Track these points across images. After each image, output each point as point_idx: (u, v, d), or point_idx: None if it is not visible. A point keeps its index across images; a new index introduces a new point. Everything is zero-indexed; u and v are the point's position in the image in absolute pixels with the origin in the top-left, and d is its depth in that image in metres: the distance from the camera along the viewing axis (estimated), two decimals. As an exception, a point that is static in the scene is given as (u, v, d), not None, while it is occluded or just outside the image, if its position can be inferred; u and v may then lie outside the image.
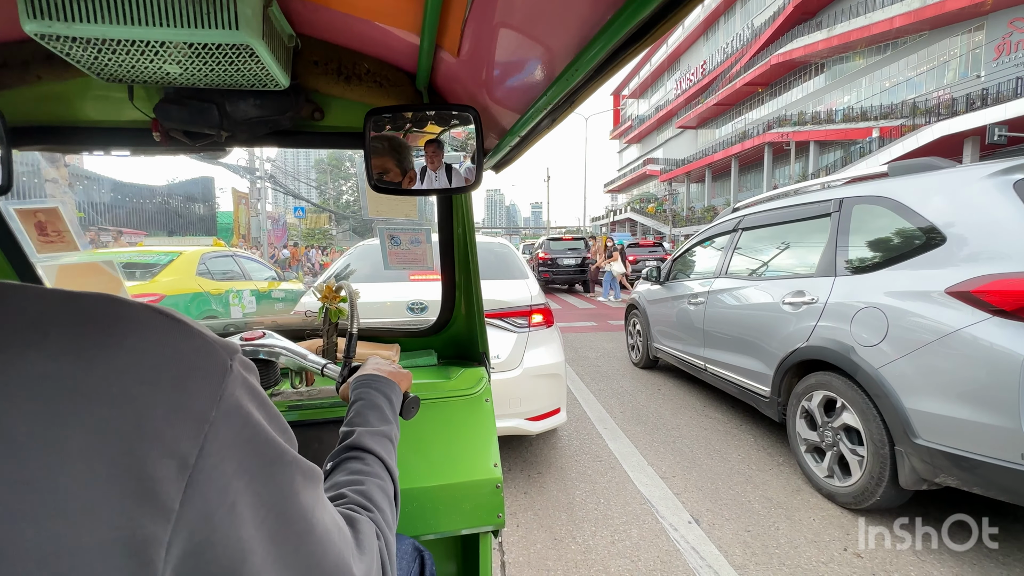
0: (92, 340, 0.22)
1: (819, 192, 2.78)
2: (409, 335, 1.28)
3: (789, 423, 2.59)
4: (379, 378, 0.69)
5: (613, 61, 0.47)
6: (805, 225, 2.78)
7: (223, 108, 0.86)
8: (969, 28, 19.50)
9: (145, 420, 0.22)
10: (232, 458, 0.25)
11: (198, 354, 0.25)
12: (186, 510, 0.22)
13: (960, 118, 16.60)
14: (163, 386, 0.23)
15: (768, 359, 2.73)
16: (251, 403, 0.27)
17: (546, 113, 0.64)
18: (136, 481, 0.21)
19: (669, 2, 0.38)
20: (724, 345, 3.26)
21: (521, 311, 2.54)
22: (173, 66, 0.72)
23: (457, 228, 1.13)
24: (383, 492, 0.49)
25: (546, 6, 0.52)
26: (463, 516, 0.91)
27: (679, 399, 3.89)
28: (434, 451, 0.94)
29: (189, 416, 0.24)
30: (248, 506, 0.25)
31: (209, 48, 0.68)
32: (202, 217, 19.41)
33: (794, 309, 2.57)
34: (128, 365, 0.22)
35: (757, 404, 2.91)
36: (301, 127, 0.97)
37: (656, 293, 4.54)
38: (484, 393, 1.06)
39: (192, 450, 0.23)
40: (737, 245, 3.42)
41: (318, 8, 0.77)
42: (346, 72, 0.90)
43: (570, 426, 3.31)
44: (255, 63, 0.72)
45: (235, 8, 0.63)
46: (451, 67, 0.81)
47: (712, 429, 3.24)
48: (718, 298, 3.39)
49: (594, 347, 6.03)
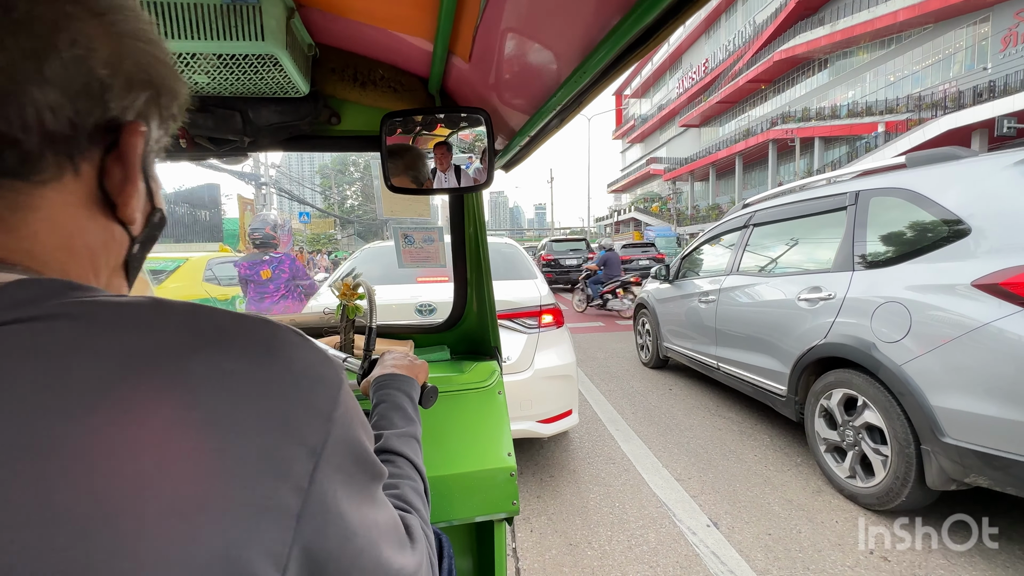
0: (260, 350, 0.29)
1: (834, 185, 2.72)
2: (422, 331, 1.31)
3: (807, 422, 2.52)
4: (397, 376, 0.70)
5: (620, 63, 0.49)
6: (820, 219, 2.71)
7: (246, 115, 0.90)
8: (974, 20, 19.30)
9: (290, 414, 0.28)
10: (339, 453, 0.30)
11: (323, 366, 0.31)
12: (312, 490, 0.28)
13: (968, 111, 16.38)
14: (303, 388, 0.29)
15: (784, 357, 2.67)
16: (353, 409, 0.33)
17: (555, 114, 0.66)
18: (279, 461, 0.26)
19: (673, 6, 0.39)
20: (737, 343, 3.19)
21: (531, 311, 2.50)
22: (202, 76, 0.77)
23: (468, 227, 1.16)
24: (416, 493, 0.53)
25: (554, 13, 0.54)
26: (479, 503, 0.93)
27: (691, 399, 3.83)
28: (449, 441, 0.97)
29: (319, 415, 0.29)
30: (343, 494, 0.31)
31: (236, 58, 0.73)
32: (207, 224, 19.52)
33: (810, 305, 2.51)
34: (283, 371, 0.29)
35: (773, 403, 2.84)
36: (319, 131, 1.00)
37: (665, 292, 4.48)
38: (496, 386, 1.08)
39: (319, 442, 0.29)
40: (748, 241, 3.36)
41: (336, 19, 0.81)
42: (362, 78, 0.95)
43: (581, 428, 3.26)
44: (278, 72, 0.77)
45: (261, 20, 0.67)
46: (463, 71, 0.84)
47: (726, 429, 3.17)
48: (730, 296, 3.33)
49: (603, 347, 5.98)
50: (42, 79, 0.27)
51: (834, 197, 2.59)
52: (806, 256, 2.80)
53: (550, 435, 2.50)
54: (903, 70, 22.46)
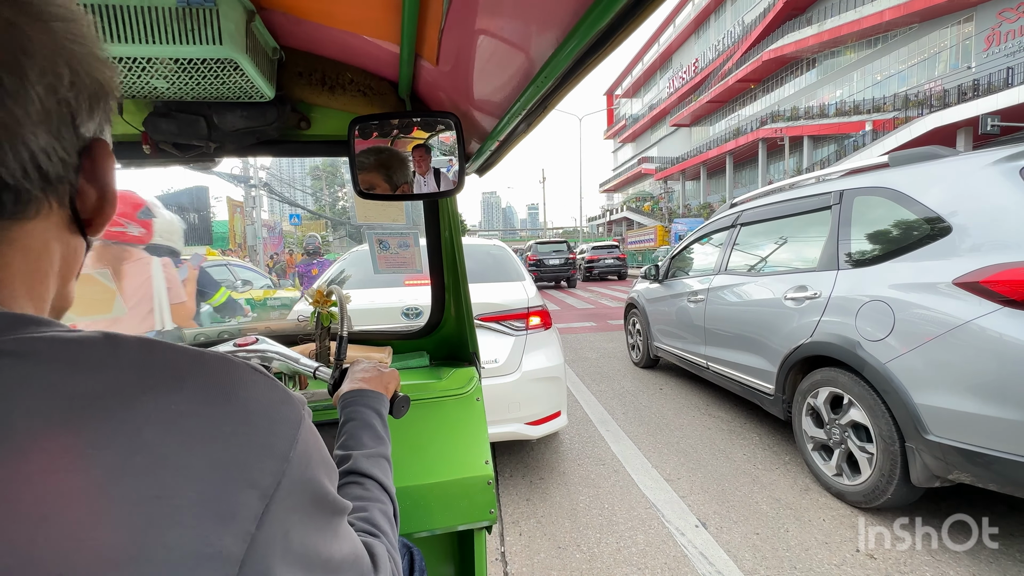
0: (215, 390, 0.28)
1: (819, 184, 2.74)
2: (401, 337, 1.29)
3: (795, 421, 2.54)
4: (365, 392, 0.69)
5: (582, 65, 0.49)
6: (805, 219, 2.73)
7: (211, 120, 0.88)
8: (959, 20, 19.60)
9: (241, 456, 0.27)
10: (295, 493, 0.29)
11: (283, 404, 0.31)
12: (259, 534, 0.26)
13: (952, 109, 16.66)
14: (259, 429, 0.29)
15: (771, 356, 2.68)
16: (313, 446, 0.32)
17: (521, 118, 0.66)
18: (224, 505, 0.25)
19: (629, 7, 0.39)
20: (726, 343, 3.21)
21: (518, 314, 2.50)
22: (160, 81, 0.75)
23: (444, 231, 1.15)
24: (385, 516, 0.53)
25: (514, 15, 0.55)
26: (457, 513, 0.92)
27: (681, 398, 3.84)
28: (427, 450, 0.96)
29: (273, 456, 0.29)
30: (297, 535, 0.30)
31: (195, 63, 0.70)
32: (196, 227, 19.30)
33: (796, 304, 2.52)
34: (237, 411, 0.28)
35: (761, 402, 2.86)
36: (288, 136, 0.99)
37: (655, 291, 4.49)
38: (475, 392, 1.07)
39: (271, 484, 0.28)
40: (736, 241, 3.37)
41: (300, 21, 0.79)
42: (330, 82, 0.93)
43: (572, 429, 3.25)
44: (240, 76, 0.75)
45: (218, 24, 0.65)
46: (431, 75, 0.83)
47: (716, 428, 3.18)
48: (718, 295, 3.34)
49: (594, 347, 5.98)
50: (29, 120, 0.26)
51: (819, 196, 2.61)
52: (792, 255, 2.81)
53: (539, 437, 2.50)
54: (889, 69, 22.76)
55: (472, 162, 0.96)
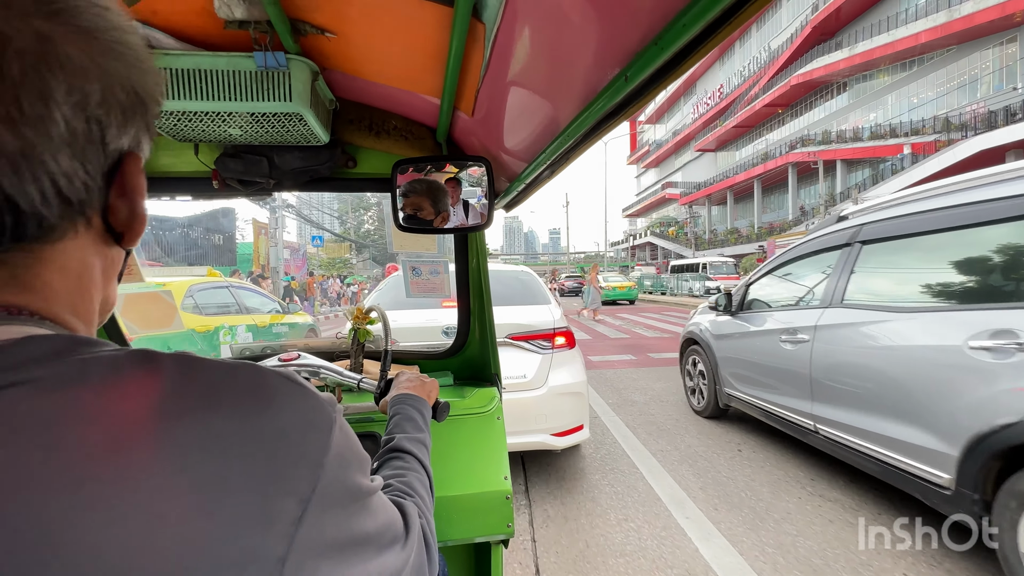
0: (248, 405, 0.29)
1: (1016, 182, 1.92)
2: (427, 357, 1.34)
3: (1000, 536, 1.68)
4: (411, 396, 0.78)
5: (604, 124, 0.56)
6: (997, 231, 1.91)
7: (272, 160, 1.01)
8: (1001, 41, 18.93)
9: (279, 468, 0.29)
10: (330, 494, 0.31)
11: (314, 412, 0.32)
12: (298, 533, 0.28)
13: (1001, 131, 15.97)
14: (293, 440, 0.30)
15: (946, 432, 1.86)
16: (345, 446, 0.34)
17: (547, 166, 0.76)
18: (267, 513, 0.27)
19: (653, 76, 0.44)
20: (851, 401, 2.38)
21: (545, 334, 2.73)
22: (235, 129, 0.89)
23: (472, 260, 1.23)
24: (422, 483, 0.59)
25: (545, 81, 0.64)
26: (475, 525, 0.96)
27: (773, 467, 2.97)
28: (449, 464, 0.99)
29: (308, 463, 0.30)
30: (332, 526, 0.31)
31: (267, 115, 0.84)
32: (221, 247, 19.38)
33: (994, 357, 1.71)
34: (270, 424, 0.29)
35: (924, 495, 2.00)
36: (337, 174, 1.11)
37: (725, 326, 3.69)
38: (496, 411, 1.11)
39: (309, 489, 0.29)
40: (857, 264, 2.57)
41: (355, 78, 0.93)
42: (376, 128, 1.07)
43: (640, 514, 2.44)
44: (303, 125, 0.88)
45: (289, 84, 0.79)
46: (467, 124, 0.95)
47: (840, 521, 2.31)
48: (834, 334, 2.54)
49: (639, 387, 5.15)
50: (51, 144, 0.26)
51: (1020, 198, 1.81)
52: (974, 283, 1.99)
53: (563, 448, 2.70)
54: (926, 92, 22.02)
55: (500, 199, 1.09)
